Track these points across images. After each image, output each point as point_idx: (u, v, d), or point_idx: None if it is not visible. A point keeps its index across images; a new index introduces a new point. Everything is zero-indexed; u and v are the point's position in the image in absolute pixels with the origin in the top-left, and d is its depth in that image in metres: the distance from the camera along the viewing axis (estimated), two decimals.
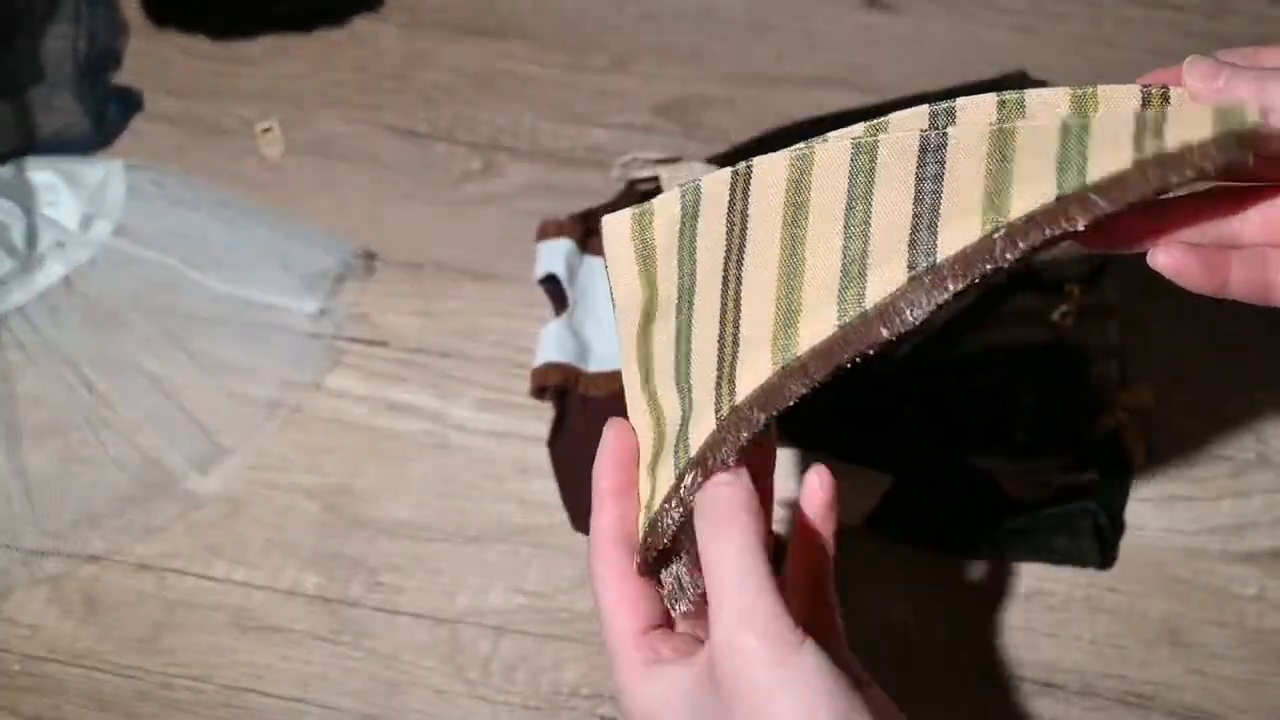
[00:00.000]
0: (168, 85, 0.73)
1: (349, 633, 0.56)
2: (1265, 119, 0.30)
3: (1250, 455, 0.59)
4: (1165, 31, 0.73)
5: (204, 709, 0.54)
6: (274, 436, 0.61)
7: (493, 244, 0.66)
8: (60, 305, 0.63)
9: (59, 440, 0.60)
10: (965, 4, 0.75)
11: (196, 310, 0.63)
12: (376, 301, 0.65)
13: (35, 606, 0.56)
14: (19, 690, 0.54)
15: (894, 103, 0.69)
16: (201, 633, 0.56)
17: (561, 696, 0.54)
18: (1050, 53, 0.72)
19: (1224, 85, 0.32)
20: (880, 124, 0.35)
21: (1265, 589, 0.55)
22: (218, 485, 0.59)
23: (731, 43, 0.74)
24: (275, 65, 0.74)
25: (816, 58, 0.73)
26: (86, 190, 0.66)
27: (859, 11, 0.75)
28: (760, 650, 0.31)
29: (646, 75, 0.72)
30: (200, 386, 0.61)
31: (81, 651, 0.55)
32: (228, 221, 0.65)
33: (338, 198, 0.69)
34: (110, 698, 0.54)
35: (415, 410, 0.61)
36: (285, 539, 0.58)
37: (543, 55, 0.73)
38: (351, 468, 0.60)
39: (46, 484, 0.58)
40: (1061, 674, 0.53)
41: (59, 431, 0.60)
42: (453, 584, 0.57)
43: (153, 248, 0.65)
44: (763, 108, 0.71)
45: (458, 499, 0.59)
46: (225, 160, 0.70)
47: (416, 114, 0.72)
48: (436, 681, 0.54)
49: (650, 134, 0.70)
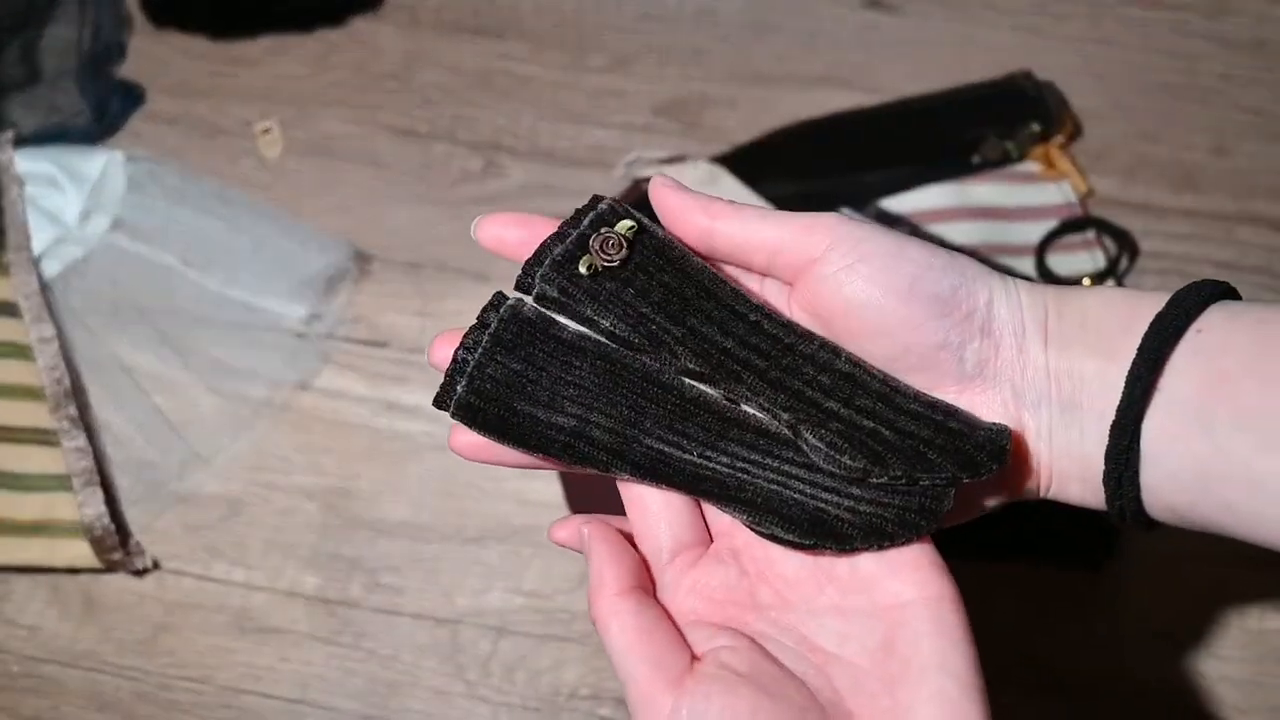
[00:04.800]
0: (167, 85, 0.73)
1: (349, 633, 0.56)
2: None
3: None
4: (1165, 31, 0.73)
5: (203, 710, 0.54)
6: (274, 437, 0.61)
7: None
8: (53, 303, 0.62)
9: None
10: (966, 4, 0.74)
11: (189, 309, 0.63)
12: (376, 302, 0.65)
13: (35, 608, 0.56)
14: (19, 691, 0.54)
15: (894, 103, 0.69)
16: (201, 634, 0.56)
17: (561, 697, 0.54)
18: (1050, 53, 0.72)
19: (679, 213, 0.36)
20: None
21: (1265, 589, 0.55)
22: (216, 486, 0.59)
23: (731, 43, 0.74)
24: (275, 65, 0.74)
25: (817, 58, 0.73)
26: (87, 184, 0.66)
27: (859, 11, 0.75)
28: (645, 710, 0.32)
29: (646, 75, 0.72)
30: (189, 386, 0.61)
31: (81, 652, 0.55)
32: (226, 220, 0.65)
33: (337, 198, 0.68)
34: (110, 699, 0.54)
35: (415, 411, 0.61)
36: (285, 540, 0.58)
37: (543, 55, 0.73)
38: (351, 468, 0.60)
39: None
40: (1061, 674, 0.53)
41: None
42: (452, 584, 0.57)
43: (149, 244, 0.65)
44: (763, 108, 0.71)
45: (458, 499, 0.59)
46: (224, 160, 0.70)
47: (416, 114, 0.71)
48: (436, 682, 0.54)
49: (650, 134, 0.70)
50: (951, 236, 0.64)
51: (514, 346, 0.35)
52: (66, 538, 0.56)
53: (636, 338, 0.35)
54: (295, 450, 0.60)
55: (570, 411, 0.35)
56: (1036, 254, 0.63)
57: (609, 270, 0.35)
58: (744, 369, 0.34)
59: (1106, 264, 0.63)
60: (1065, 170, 0.66)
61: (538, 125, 0.71)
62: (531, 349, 0.35)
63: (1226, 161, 0.68)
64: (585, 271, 0.35)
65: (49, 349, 0.60)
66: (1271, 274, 0.64)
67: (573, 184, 0.68)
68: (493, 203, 0.68)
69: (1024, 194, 0.66)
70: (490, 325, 0.35)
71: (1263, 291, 0.64)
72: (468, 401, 0.35)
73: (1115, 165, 0.68)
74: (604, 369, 0.35)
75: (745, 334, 0.35)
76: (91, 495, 0.56)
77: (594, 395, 0.35)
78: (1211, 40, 0.73)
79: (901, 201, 0.65)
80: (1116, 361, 0.32)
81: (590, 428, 0.34)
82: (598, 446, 0.34)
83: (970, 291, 0.34)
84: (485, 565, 0.57)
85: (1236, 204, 0.67)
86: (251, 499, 0.59)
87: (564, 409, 0.35)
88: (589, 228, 0.36)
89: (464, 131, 0.71)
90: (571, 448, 0.35)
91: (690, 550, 0.35)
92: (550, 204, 0.67)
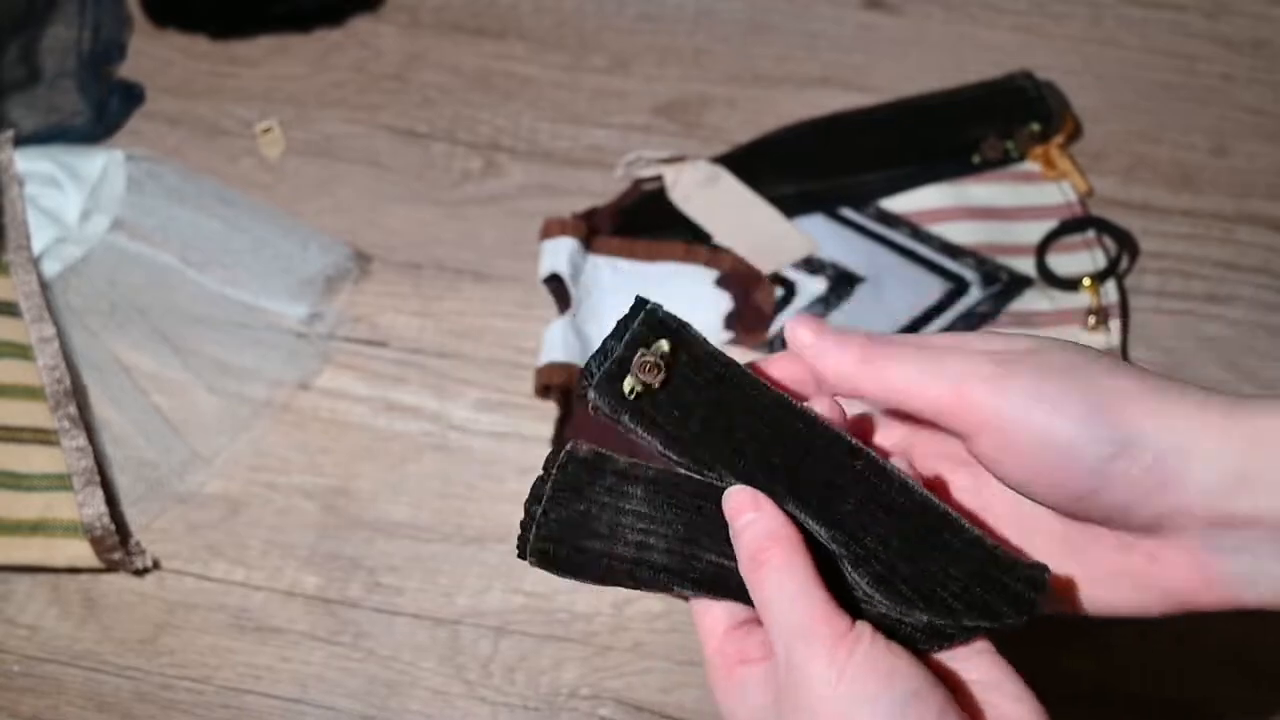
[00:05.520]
0: (167, 85, 0.73)
1: (348, 633, 0.56)
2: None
3: None
4: (1165, 31, 0.73)
5: (203, 709, 0.54)
6: (274, 437, 0.61)
7: (492, 244, 0.66)
8: (53, 302, 0.62)
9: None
10: (965, 4, 0.75)
11: (189, 309, 0.63)
12: (376, 302, 0.65)
13: (35, 607, 0.56)
14: (18, 690, 0.54)
15: (894, 103, 0.69)
16: (201, 633, 0.56)
17: (561, 697, 0.54)
18: (1050, 53, 0.72)
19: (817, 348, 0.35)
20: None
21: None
22: (216, 486, 0.59)
23: (731, 43, 0.74)
24: (275, 65, 0.74)
25: (816, 58, 0.73)
26: (86, 183, 0.66)
27: (859, 12, 0.75)
28: (813, 664, 0.32)
29: (646, 75, 0.72)
30: (189, 386, 0.61)
31: (81, 652, 0.55)
32: (226, 220, 0.65)
33: (337, 198, 0.68)
34: (109, 698, 0.54)
35: (415, 411, 0.61)
36: (285, 539, 0.58)
37: (543, 55, 0.73)
38: (351, 468, 0.60)
39: None
40: (1061, 676, 0.53)
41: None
42: (452, 584, 0.57)
43: (149, 244, 0.65)
44: (763, 108, 0.71)
45: (457, 499, 0.59)
46: (224, 160, 0.70)
47: (416, 114, 0.71)
48: (436, 682, 0.54)
49: (650, 134, 0.70)
50: (951, 236, 0.64)
51: (576, 488, 0.37)
52: (66, 537, 0.56)
53: (683, 462, 0.36)
54: (295, 450, 0.60)
55: (630, 540, 0.36)
56: (1037, 254, 0.63)
57: (650, 392, 0.36)
58: (788, 494, 0.35)
59: (1106, 264, 0.63)
60: (1065, 170, 0.66)
61: (538, 125, 0.71)
62: (592, 487, 0.36)
63: (1226, 161, 0.68)
64: (629, 394, 0.36)
65: (49, 348, 0.60)
66: (1271, 274, 0.64)
67: (572, 184, 0.68)
68: (493, 203, 0.68)
69: (1024, 194, 0.66)
70: (552, 473, 0.37)
71: (1263, 291, 0.64)
72: (540, 549, 0.36)
73: (1115, 165, 0.68)
74: (655, 491, 0.36)
75: (790, 456, 0.35)
76: (91, 495, 0.56)
77: (649, 519, 0.36)
78: (1211, 40, 0.73)
79: (901, 201, 0.65)
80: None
81: (649, 553, 0.36)
82: (657, 569, 0.36)
83: (1132, 457, 0.31)
84: (485, 565, 0.57)
85: (1236, 204, 0.67)
86: (251, 499, 0.59)
87: (624, 538, 0.36)
88: (626, 350, 0.36)
89: (464, 131, 0.71)
90: (634, 575, 0.36)
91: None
92: (550, 204, 0.67)
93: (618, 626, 0.55)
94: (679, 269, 0.64)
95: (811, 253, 0.63)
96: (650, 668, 0.54)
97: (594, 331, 0.62)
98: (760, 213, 0.65)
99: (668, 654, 0.54)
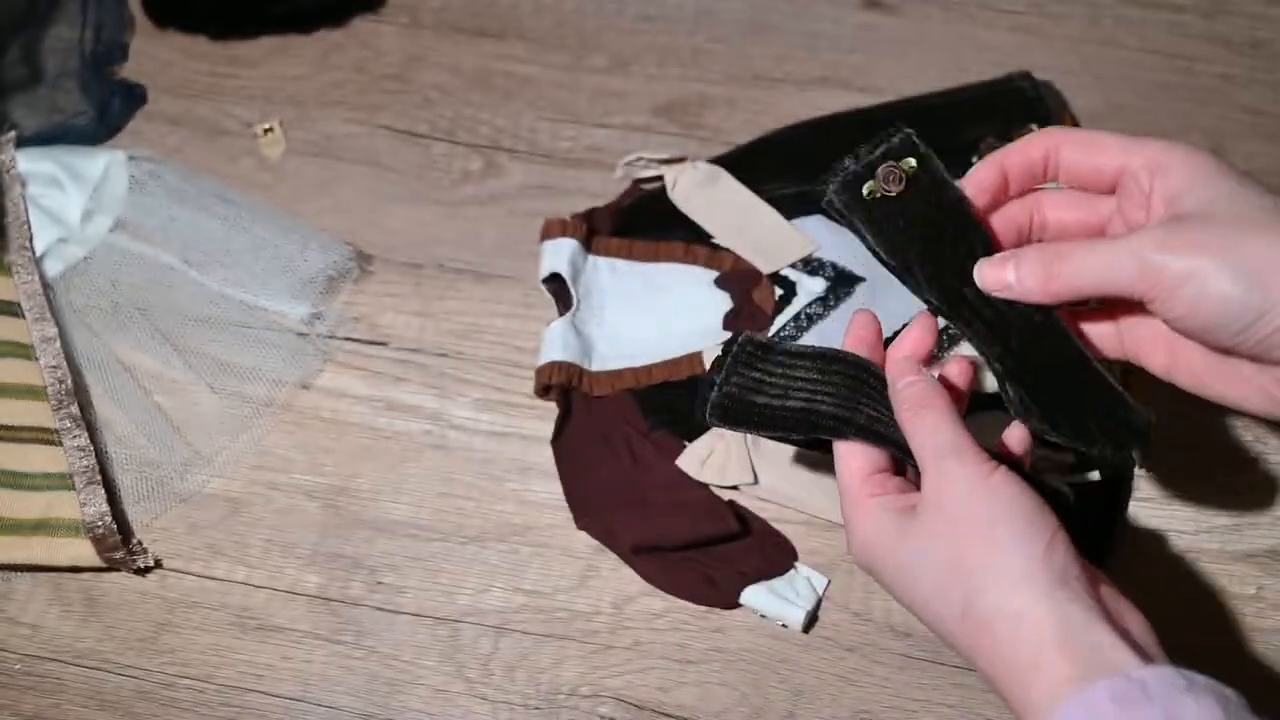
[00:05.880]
0: (168, 86, 0.73)
1: (349, 632, 0.56)
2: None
3: (1248, 454, 0.59)
4: (1164, 31, 0.73)
5: (204, 709, 0.54)
6: (274, 436, 0.61)
7: (492, 244, 0.67)
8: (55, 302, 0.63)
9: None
10: (964, 4, 0.75)
11: (190, 309, 0.63)
12: (376, 302, 0.65)
13: (36, 606, 0.57)
14: (19, 689, 0.55)
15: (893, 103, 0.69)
16: (202, 632, 0.56)
17: (561, 696, 0.54)
18: (1050, 53, 0.72)
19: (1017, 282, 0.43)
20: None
21: (1263, 588, 0.55)
22: (217, 485, 0.60)
23: (731, 43, 0.74)
24: (275, 66, 0.74)
25: (816, 58, 0.73)
26: (88, 184, 0.66)
27: (859, 12, 0.75)
28: (961, 471, 0.40)
29: (646, 75, 0.73)
30: (190, 385, 0.61)
31: (82, 651, 0.55)
32: (227, 220, 0.66)
33: (338, 198, 0.69)
34: (111, 697, 0.54)
35: (415, 410, 0.62)
36: (286, 539, 0.58)
37: (543, 55, 0.74)
38: (351, 468, 0.60)
39: None
40: None
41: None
42: (452, 584, 0.57)
43: (151, 244, 0.65)
44: (763, 108, 0.71)
45: (457, 499, 0.59)
46: (225, 161, 0.70)
47: (416, 114, 0.72)
48: (436, 681, 0.54)
49: (650, 134, 0.70)
50: None
51: (749, 363, 0.46)
52: (68, 536, 0.56)
53: (894, 262, 0.44)
54: (296, 449, 0.61)
55: (799, 397, 0.44)
56: None
57: (886, 199, 0.43)
58: (974, 317, 0.43)
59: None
60: None
61: (538, 125, 0.71)
62: (765, 361, 0.46)
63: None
64: (867, 196, 0.43)
65: (51, 348, 0.60)
66: None
67: (572, 184, 0.68)
68: (493, 203, 0.68)
69: None
70: (732, 349, 0.46)
71: None
72: (720, 404, 0.45)
73: None
74: (824, 364, 0.45)
75: (979, 289, 0.43)
76: (93, 494, 0.56)
77: (817, 383, 0.45)
78: (1210, 40, 0.73)
79: None
80: None
81: (819, 404, 0.44)
82: (825, 416, 0.44)
83: (1274, 315, 0.39)
84: (485, 565, 0.57)
85: None
86: (252, 498, 0.59)
87: (795, 396, 0.45)
88: (880, 157, 0.44)
89: (464, 131, 0.71)
90: (806, 420, 0.44)
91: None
92: (550, 204, 0.67)
93: (617, 625, 0.55)
94: (679, 269, 0.64)
95: (811, 253, 0.63)
96: (650, 666, 0.54)
97: (594, 332, 0.62)
98: (760, 213, 0.65)
99: (667, 653, 0.55)
